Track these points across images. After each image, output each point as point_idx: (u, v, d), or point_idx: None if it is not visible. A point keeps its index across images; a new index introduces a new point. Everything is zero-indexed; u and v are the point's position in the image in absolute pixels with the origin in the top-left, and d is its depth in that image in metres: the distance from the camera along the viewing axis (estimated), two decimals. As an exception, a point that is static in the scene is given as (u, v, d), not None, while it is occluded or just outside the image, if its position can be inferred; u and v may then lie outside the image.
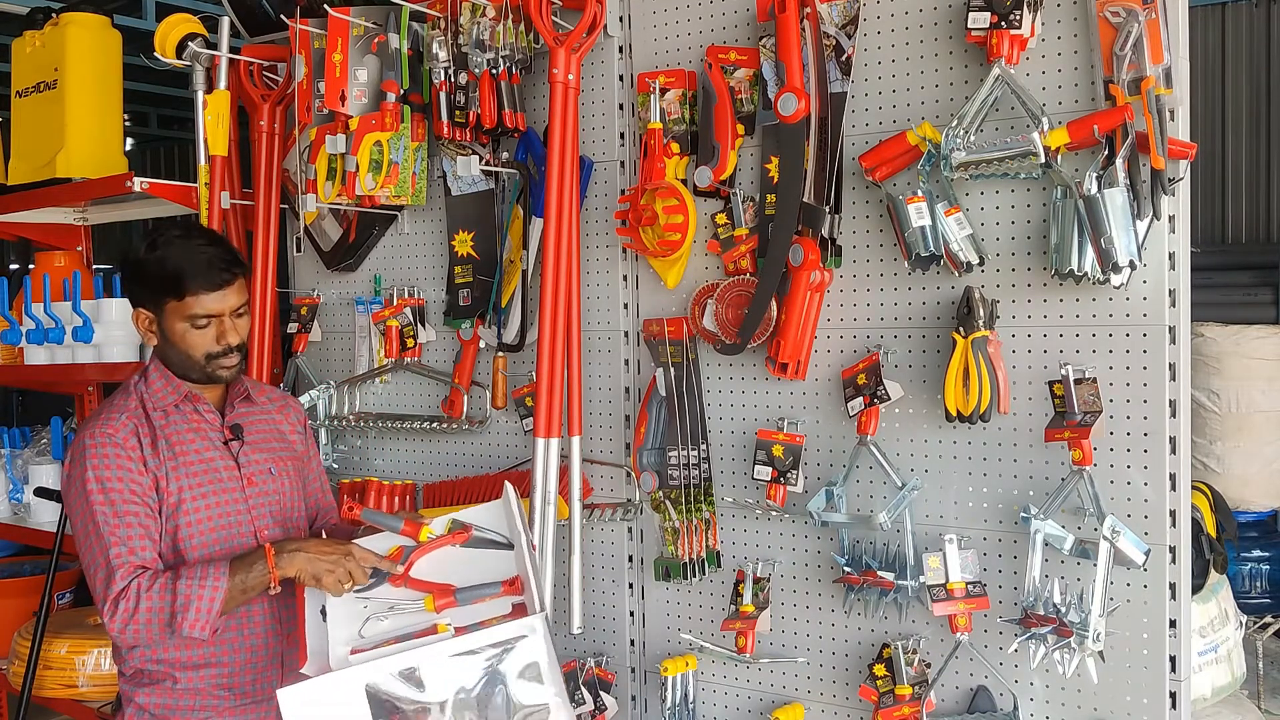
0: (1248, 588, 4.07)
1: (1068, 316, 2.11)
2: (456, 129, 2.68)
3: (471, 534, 2.14)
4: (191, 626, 1.99)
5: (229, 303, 2.16)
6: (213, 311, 2.15)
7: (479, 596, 2.06)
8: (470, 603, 2.05)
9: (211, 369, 2.18)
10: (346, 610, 2.08)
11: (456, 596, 2.05)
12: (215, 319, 2.15)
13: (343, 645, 2.04)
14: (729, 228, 2.44)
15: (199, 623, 1.99)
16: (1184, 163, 2.00)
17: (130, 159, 3.82)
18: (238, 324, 2.19)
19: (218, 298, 2.14)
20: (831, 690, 2.39)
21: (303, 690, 1.94)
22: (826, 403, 2.37)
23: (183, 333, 2.15)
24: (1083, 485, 2.04)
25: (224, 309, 2.16)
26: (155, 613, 1.99)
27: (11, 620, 3.79)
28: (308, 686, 1.94)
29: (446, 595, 2.06)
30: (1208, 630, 2.79)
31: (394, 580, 2.09)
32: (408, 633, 2.04)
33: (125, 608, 2.00)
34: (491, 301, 2.81)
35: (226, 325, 2.16)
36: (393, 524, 2.16)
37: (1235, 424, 3.97)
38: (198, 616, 1.99)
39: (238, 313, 2.19)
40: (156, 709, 2.17)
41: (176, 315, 2.15)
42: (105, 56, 3.60)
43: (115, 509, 2.06)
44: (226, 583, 2.01)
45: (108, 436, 2.11)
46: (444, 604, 2.05)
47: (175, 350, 2.17)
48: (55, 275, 3.77)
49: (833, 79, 2.30)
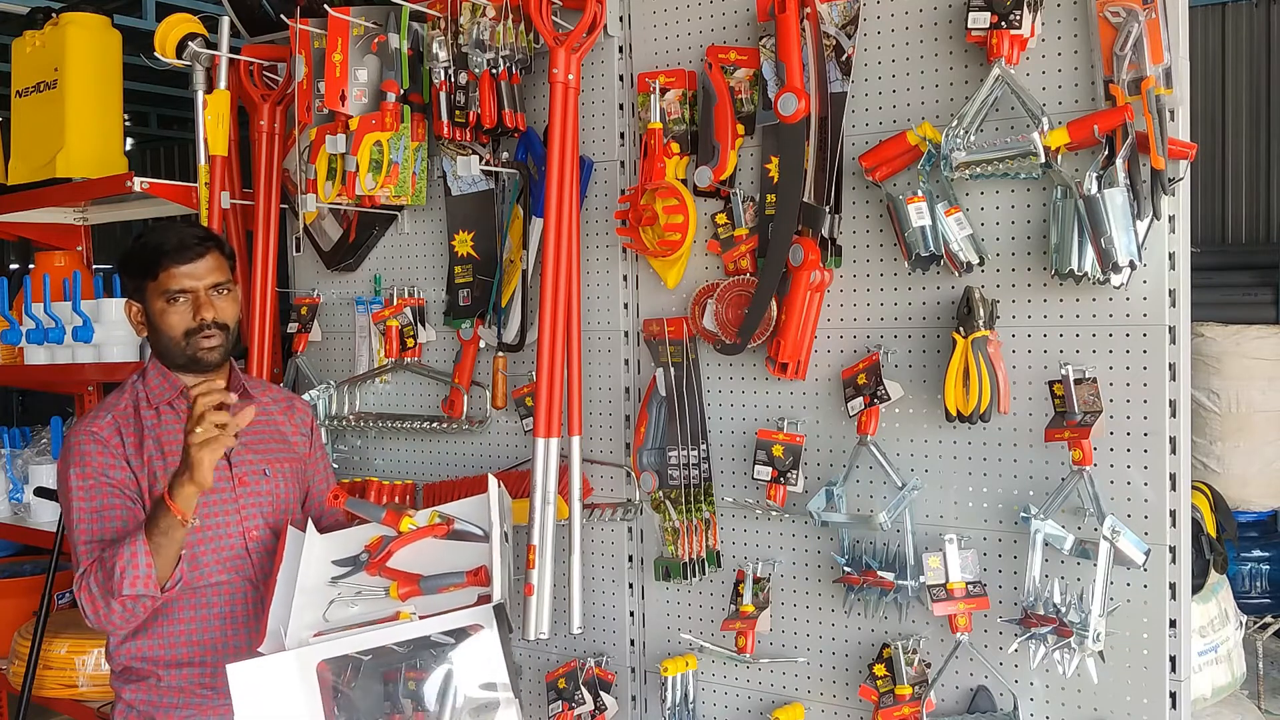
0: (1248, 588, 4.07)
1: (1068, 316, 2.11)
2: (456, 129, 2.68)
3: (453, 526, 2.16)
4: (133, 585, 1.96)
5: (202, 278, 2.16)
6: (186, 286, 2.15)
7: (442, 585, 2.06)
8: (434, 591, 2.06)
9: (192, 349, 2.17)
10: (313, 596, 2.09)
11: (421, 585, 2.07)
12: (189, 294, 2.16)
13: (306, 629, 2.05)
14: (729, 228, 2.44)
15: (139, 580, 1.96)
16: (1184, 163, 2.00)
17: (130, 159, 3.83)
18: (217, 302, 2.18)
19: (189, 270, 2.15)
20: (831, 690, 2.39)
21: (253, 667, 1.94)
22: (826, 403, 2.37)
23: (161, 312, 2.17)
24: (1083, 485, 2.04)
25: (198, 284, 2.16)
26: (102, 585, 1.99)
27: (11, 620, 3.80)
28: (258, 663, 1.95)
29: (411, 584, 2.06)
30: (1208, 630, 2.79)
31: (369, 568, 2.11)
32: (371, 619, 2.05)
33: (87, 595, 2.03)
34: (491, 301, 2.81)
35: (202, 299, 2.16)
36: (375, 513, 2.19)
37: (1235, 424, 3.97)
38: (135, 574, 1.96)
39: (217, 289, 2.18)
40: (142, 705, 2.20)
41: (155, 295, 2.17)
42: (105, 56, 3.60)
43: (92, 505, 2.10)
44: (143, 535, 1.97)
45: (91, 435, 2.14)
46: (408, 592, 2.06)
47: (160, 336, 2.19)
48: (55, 275, 3.78)
49: (833, 79, 2.30)
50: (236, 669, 1.92)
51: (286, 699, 1.92)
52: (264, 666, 1.94)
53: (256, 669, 1.93)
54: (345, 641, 1.96)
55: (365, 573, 2.11)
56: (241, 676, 1.92)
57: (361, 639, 1.96)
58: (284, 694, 1.92)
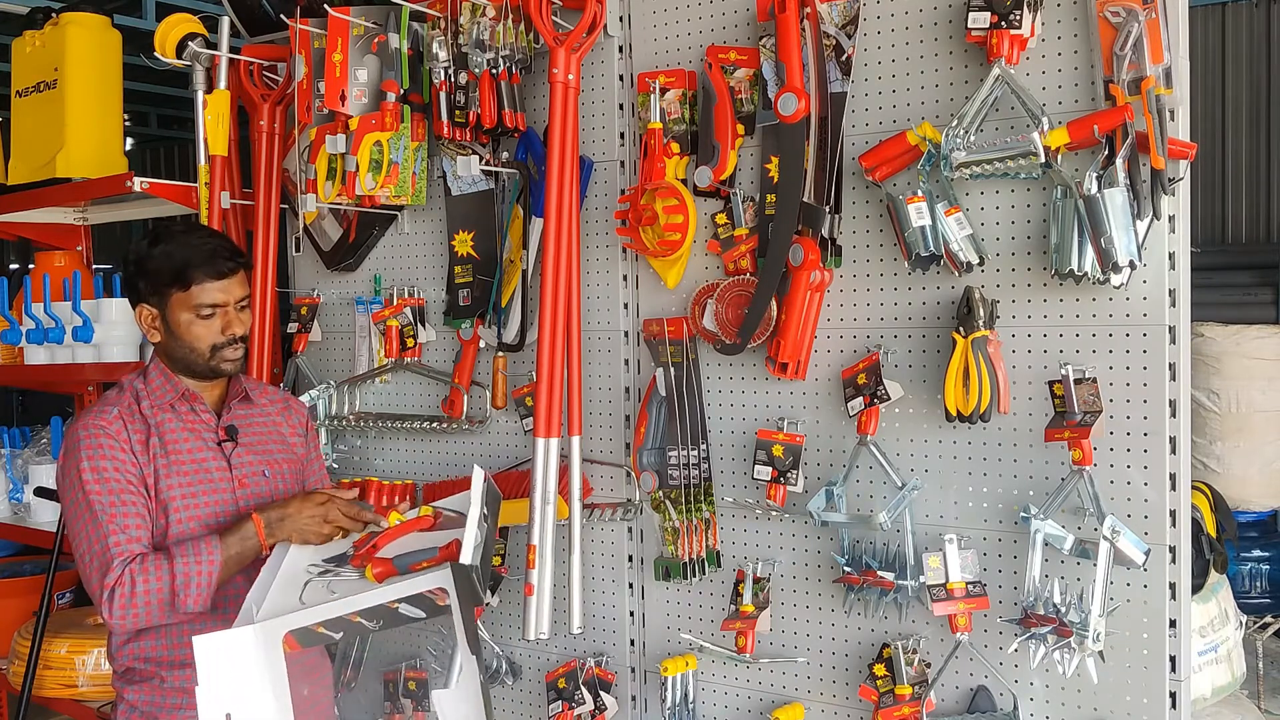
0: (1248, 588, 4.07)
1: (1068, 316, 2.11)
2: (456, 129, 2.68)
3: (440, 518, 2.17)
4: (194, 602, 2.04)
5: (233, 293, 2.21)
6: (218, 301, 2.19)
7: (415, 562, 2.06)
8: (407, 569, 2.05)
9: (216, 361, 2.21)
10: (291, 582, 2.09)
11: (395, 563, 2.07)
12: (220, 309, 2.20)
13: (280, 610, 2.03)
14: (729, 228, 2.44)
15: (199, 597, 2.05)
16: (1184, 163, 2.00)
17: (130, 159, 3.82)
18: (241, 316, 2.23)
19: (222, 287, 2.18)
20: (831, 690, 2.39)
21: (220, 639, 1.94)
22: (826, 403, 2.37)
23: (188, 324, 2.18)
24: (1083, 485, 2.04)
25: (228, 299, 2.20)
26: (154, 594, 2.04)
27: (11, 620, 3.79)
28: (225, 635, 1.95)
29: (385, 564, 2.07)
30: (1208, 630, 2.79)
31: (354, 561, 2.11)
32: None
33: (122, 594, 2.03)
34: (491, 301, 2.80)
35: (231, 316, 2.21)
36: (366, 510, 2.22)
37: (1235, 424, 3.97)
38: (198, 592, 2.05)
39: (241, 304, 2.23)
40: (145, 706, 2.20)
41: (182, 307, 2.18)
42: (105, 56, 3.60)
43: (114, 495, 2.09)
44: (220, 555, 2.07)
45: (100, 428, 2.14)
46: (382, 572, 2.06)
47: (180, 344, 2.20)
48: (55, 275, 3.77)
49: (833, 79, 2.30)
50: (202, 640, 1.92)
51: (250, 671, 1.92)
52: (228, 639, 1.94)
53: (221, 641, 1.93)
54: (308, 613, 1.95)
55: (350, 565, 2.11)
56: (206, 648, 1.91)
57: (324, 609, 1.96)
58: (248, 667, 1.92)
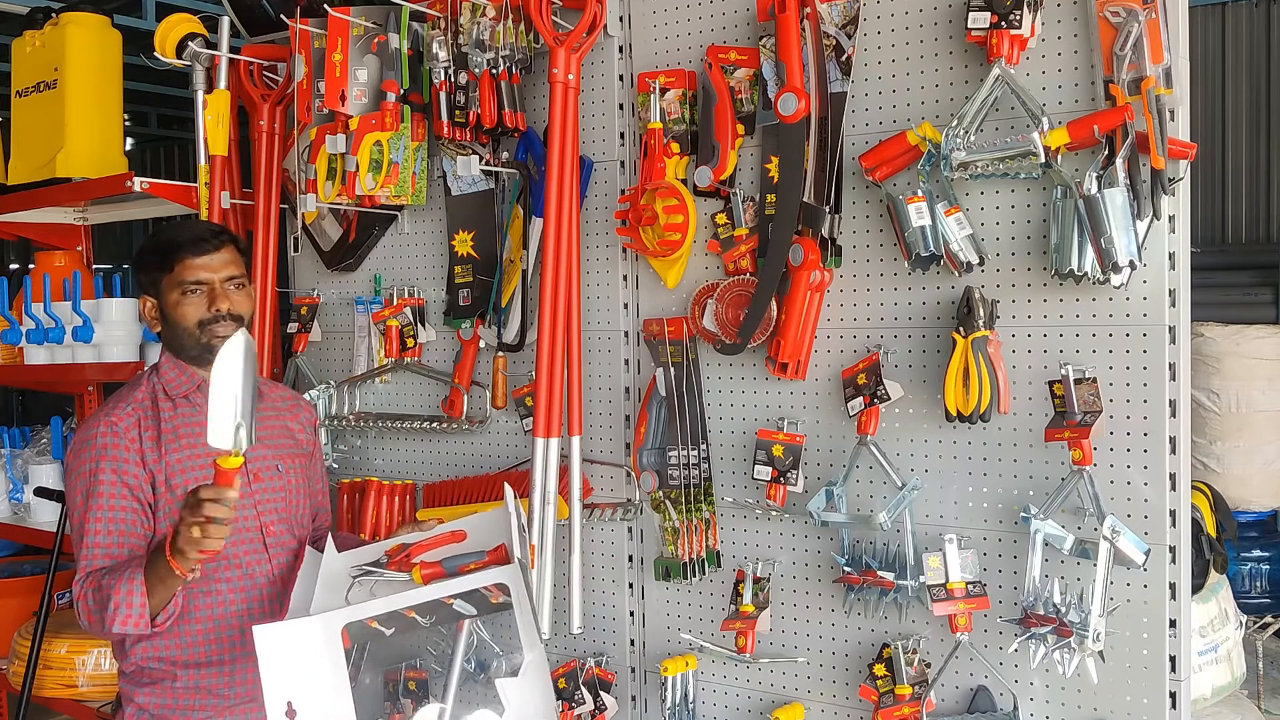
0: (1248, 588, 4.07)
1: (1068, 316, 2.11)
2: (456, 129, 2.68)
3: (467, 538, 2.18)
4: (124, 624, 1.97)
5: (218, 270, 2.19)
6: (201, 278, 2.18)
7: (464, 564, 2.07)
8: (456, 571, 2.06)
9: (206, 337, 2.18)
10: (335, 585, 2.09)
11: (443, 566, 2.08)
12: (205, 285, 2.18)
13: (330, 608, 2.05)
14: (729, 228, 2.44)
15: (130, 619, 1.97)
16: (1184, 163, 2.00)
17: (130, 159, 3.83)
18: (233, 295, 2.21)
19: (204, 263, 2.18)
20: (831, 690, 2.39)
21: (279, 629, 1.94)
22: (826, 403, 2.37)
23: (176, 303, 2.19)
24: (1083, 485, 2.04)
25: (213, 276, 2.19)
26: (95, 613, 2.01)
27: (11, 620, 3.79)
28: (284, 626, 1.95)
29: (433, 568, 2.08)
30: (1208, 630, 2.79)
31: (390, 566, 2.11)
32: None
33: (84, 605, 2.04)
34: (491, 301, 2.81)
35: (218, 291, 2.19)
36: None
37: (1235, 424, 3.97)
38: (129, 614, 1.96)
39: (231, 281, 2.21)
40: (156, 709, 2.17)
41: (170, 287, 2.19)
42: (105, 56, 3.60)
43: (104, 500, 2.09)
44: (142, 577, 1.97)
45: (110, 426, 2.14)
46: (430, 574, 2.06)
47: (174, 328, 2.21)
48: (55, 275, 3.77)
49: (833, 79, 2.30)
50: (263, 630, 1.92)
51: (310, 663, 1.92)
52: (290, 629, 1.94)
53: (282, 632, 1.93)
54: (369, 605, 1.96)
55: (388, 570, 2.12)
56: (267, 639, 1.91)
57: (385, 602, 1.97)
58: (308, 658, 1.92)
